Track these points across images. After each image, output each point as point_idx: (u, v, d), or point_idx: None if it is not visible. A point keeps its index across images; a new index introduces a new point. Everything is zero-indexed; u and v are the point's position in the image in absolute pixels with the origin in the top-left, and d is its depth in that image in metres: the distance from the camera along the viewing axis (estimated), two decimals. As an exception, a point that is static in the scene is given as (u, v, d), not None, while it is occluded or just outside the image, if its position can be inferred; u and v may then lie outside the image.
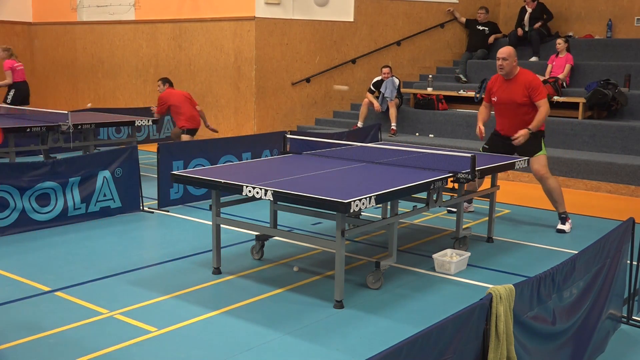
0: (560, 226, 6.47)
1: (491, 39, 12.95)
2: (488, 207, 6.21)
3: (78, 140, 8.86)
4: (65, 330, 3.97)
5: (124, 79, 13.84)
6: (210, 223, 5.05)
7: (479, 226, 6.62)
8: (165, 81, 9.98)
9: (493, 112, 6.72)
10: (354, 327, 4.11)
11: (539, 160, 6.35)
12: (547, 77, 10.73)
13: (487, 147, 6.66)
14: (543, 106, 6.25)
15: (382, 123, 10.93)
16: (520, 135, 6.22)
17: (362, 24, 12.56)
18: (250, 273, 5.10)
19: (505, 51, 6.29)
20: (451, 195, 5.69)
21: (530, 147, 6.32)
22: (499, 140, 6.54)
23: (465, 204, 7.10)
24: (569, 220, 6.52)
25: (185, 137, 9.60)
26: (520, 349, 2.81)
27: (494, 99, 6.47)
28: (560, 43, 11.00)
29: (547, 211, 7.30)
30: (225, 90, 12.16)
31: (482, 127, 6.59)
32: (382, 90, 11.32)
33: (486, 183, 6.44)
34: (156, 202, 7.21)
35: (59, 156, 7.41)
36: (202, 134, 12.51)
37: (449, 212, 6.94)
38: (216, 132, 10.31)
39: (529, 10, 12.38)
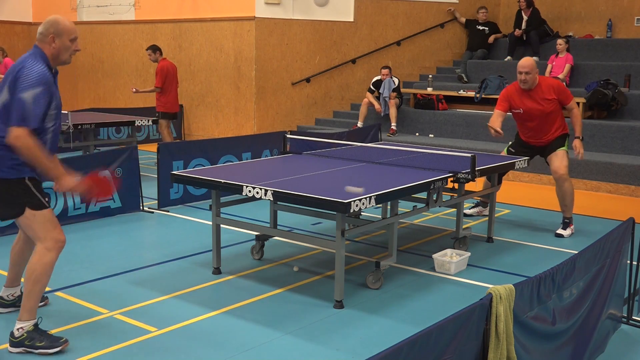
0: (560, 231, 6.34)
1: (491, 38, 12.95)
2: (488, 207, 6.21)
3: (78, 140, 8.86)
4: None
5: (124, 79, 13.84)
6: (210, 223, 5.05)
7: (479, 226, 6.62)
8: (157, 49, 10.07)
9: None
10: (354, 327, 4.11)
11: (561, 159, 6.23)
12: (547, 77, 10.73)
13: (512, 150, 6.56)
14: (575, 108, 6.26)
15: (382, 123, 10.94)
16: (579, 148, 6.25)
17: (362, 24, 12.55)
18: (250, 273, 5.10)
19: (527, 65, 6.09)
20: (451, 195, 5.69)
21: (554, 144, 6.29)
22: (524, 144, 6.47)
23: (481, 208, 7.08)
24: (572, 227, 6.39)
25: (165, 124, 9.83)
26: (520, 349, 2.81)
27: (519, 111, 6.28)
28: (560, 44, 11.00)
29: (548, 211, 7.31)
30: (225, 90, 12.16)
31: (499, 130, 6.30)
32: (380, 91, 11.33)
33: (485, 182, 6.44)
34: (156, 202, 7.21)
35: (59, 156, 7.39)
36: (203, 133, 12.54)
37: (465, 215, 6.85)
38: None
39: (525, 17, 12.39)
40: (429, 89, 11.95)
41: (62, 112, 4.01)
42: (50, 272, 3.70)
